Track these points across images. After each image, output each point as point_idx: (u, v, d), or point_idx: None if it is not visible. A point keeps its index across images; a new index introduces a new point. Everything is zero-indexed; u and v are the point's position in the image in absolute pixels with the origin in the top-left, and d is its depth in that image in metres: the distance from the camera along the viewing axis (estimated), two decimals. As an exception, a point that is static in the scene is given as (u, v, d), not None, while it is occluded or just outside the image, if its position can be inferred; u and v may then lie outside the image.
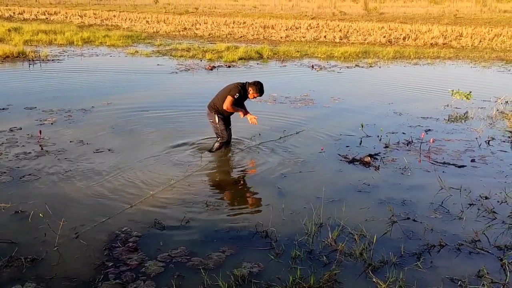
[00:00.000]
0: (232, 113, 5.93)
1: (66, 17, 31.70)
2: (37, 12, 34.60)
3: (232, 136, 6.08)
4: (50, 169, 5.21)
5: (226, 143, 5.98)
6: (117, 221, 4.07)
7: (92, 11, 36.63)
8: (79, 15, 32.90)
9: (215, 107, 5.85)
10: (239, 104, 5.84)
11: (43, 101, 8.47)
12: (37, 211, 4.15)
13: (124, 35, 20.73)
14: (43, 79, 11.07)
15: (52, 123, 7.06)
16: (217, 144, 5.94)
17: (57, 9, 38.54)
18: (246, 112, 5.92)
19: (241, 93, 5.71)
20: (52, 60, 14.02)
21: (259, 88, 5.71)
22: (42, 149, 5.88)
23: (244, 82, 5.84)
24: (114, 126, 7.03)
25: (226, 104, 5.66)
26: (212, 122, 5.93)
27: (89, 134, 6.56)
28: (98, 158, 5.62)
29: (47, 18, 30.94)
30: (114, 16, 32.81)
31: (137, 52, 16.11)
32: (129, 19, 30.46)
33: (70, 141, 6.21)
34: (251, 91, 5.73)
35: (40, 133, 6.29)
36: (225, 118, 5.92)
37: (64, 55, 15.17)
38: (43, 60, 13.90)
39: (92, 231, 3.88)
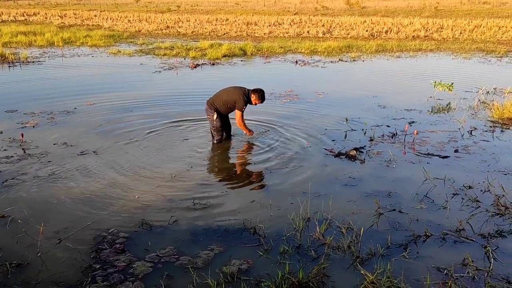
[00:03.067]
0: (230, 112, 6.16)
1: (46, 18, 31.19)
2: (16, 14, 33.98)
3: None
4: (33, 172, 5.13)
5: (219, 141, 6.15)
6: (103, 223, 4.03)
7: (72, 11, 36.11)
8: (59, 16, 32.40)
9: (214, 106, 6.03)
10: None
11: (24, 103, 8.34)
12: (21, 215, 4.10)
13: (106, 34, 20.50)
14: (24, 81, 10.89)
15: (34, 126, 6.95)
16: (215, 144, 6.17)
17: (36, 10, 37.88)
18: (252, 131, 6.27)
19: (246, 104, 6.00)
20: (33, 61, 13.80)
21: (261, 95, 6.00)
22: (24, 152, 5.78)
23: (247, 89, 6.02)
24: (98, 127, 6.95)
25: (238, 121, 6.02)
26: (209, 118, 6.09)
27: (73, 136, 6.48)
28: (83, 160, 5.55)
29: (26, 19, 30.40)
30: (95, 15, 32.39)
31: (120, 51, 15.94)
32: (110, 19, 30.10)
33: (54, 144, 6.12)
34: (253, 98, 5.96)
35: (22, 136, 6.19)
36: (223, 117, 6.11)
37: (44, 57, 14.93)
38: (23, 62, 13.66)
39: (78, 234, 3.84)
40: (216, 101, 6.03)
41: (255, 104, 6.06)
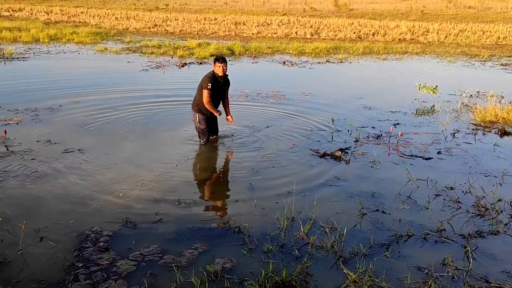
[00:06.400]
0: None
1: (32, 14, 30.75)
2: (0, 9, 33.42)
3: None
4: (16, 170, 5.07)
5: (205, 143, 6.07)
6: (87, 221, 4.00)
7: (59, 7, 35.65)
8: (45, 12, 31.95)
9: (195, 105, 5.97)
10: (216, 92, 5.87)
11: (8, 100, 8.21)
12: (2, 213, 4.04)
13: (93, 32, 20.29)
14: (8, 77, 10.72)
15: (17, 123, 6.86)
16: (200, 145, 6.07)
17: (21, 5, 37.30)
18: (219, 112, 5.98)
19: (212, 81, 5.78)
20: (17, 58, 13.59)
21: (217, 58, 5.86)
22: (7, 149, 5.70)
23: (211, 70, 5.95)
24: (83, 124, 6.88)
25: (204, 99, 5.78)
26: (194, 120, 6.04)
27: (57, 133, 6.41)
28: (67, 158, 5.49)
29: (11, 15, 29.93)
30: (82, 12, 32.02)
31: (106, 49, 15.79)
32: (97, 16, 29.80)
33: (37, 141, 6.04)
34: (216, 68, 5.82)
35: (5, 133, 6.10)
36: (208, 119, 5.97)
37: (29, 53, 14.72)
38: (7, 58, 13.45)
39: (61, 232, 3.81)
40: (196, 98, 5.97)
41: (223, 72, 5.81)
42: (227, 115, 6.22)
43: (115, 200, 4.43)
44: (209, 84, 5.73)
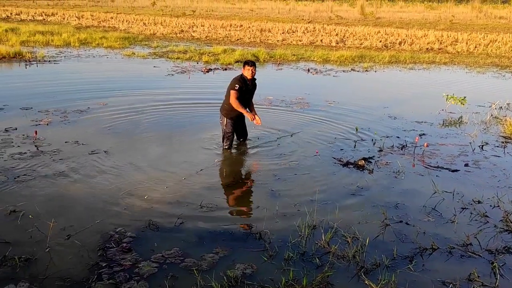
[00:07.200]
0: (241, 113, 6.00)
1: (64, 18, 31.66)
2: (34, 13, 34.53)
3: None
4: (45, 169, 5.22)
5: (228, 147, 6.10)
6: (111, 222, 4.08)
7: (90, 12, 36.59)
8: (76, 17, 32.86)
9: (223, 108, 6.03)
10: (244, 94, 5.93)
11: (39, 101, 8.47)
12: (32, 211, 4.17)
13: (121, 36, 20.72)
14: (40, 79, 11.05)
15: (47, 124, 7.06)
16: (224, 149, 6.11)
17: (54, 10, 38.47)
18: (252, 114, 6.06)
19: (241, 83, 5.87)
20: (49, 61, 14.01)
21: (246, 62, 6.00)
22: (37, 149, 5.88)
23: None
24: (110, 127, 7.04)
25: (231, 99, 5.84)
26: (221, 123, 6.10)
27: (85, 134, 6.57)
28: (94, 159, 5.62)
29: (44, 19, 30.88)
30: (112, 18, 32.78)
31: (134, 54, 16.11)
32: (126, 21, 30.44)
33: (66, 142, 6.21)
34: (245, 71, 5.92)
35: (36, 133, 6.29)
36: (235, 123, 6.02)
37: (60, 56, 15.15)
38: (39, 61, 13.88)
39: (86, 232, 3.89)
40: (224, 101, 6.03)
41: (252, 75, 5.91)
42: (252, 115, 6.20)
43: (139, 202, 4.51)
44: (236, 85, 5.83)
